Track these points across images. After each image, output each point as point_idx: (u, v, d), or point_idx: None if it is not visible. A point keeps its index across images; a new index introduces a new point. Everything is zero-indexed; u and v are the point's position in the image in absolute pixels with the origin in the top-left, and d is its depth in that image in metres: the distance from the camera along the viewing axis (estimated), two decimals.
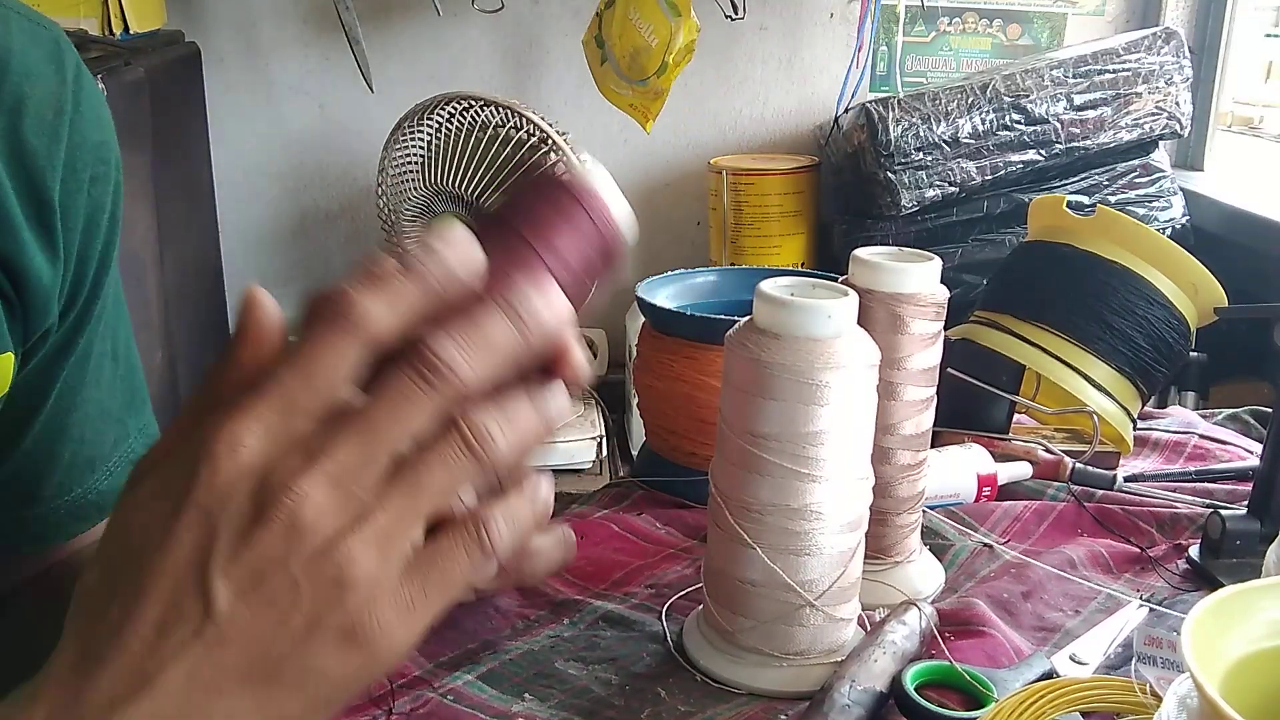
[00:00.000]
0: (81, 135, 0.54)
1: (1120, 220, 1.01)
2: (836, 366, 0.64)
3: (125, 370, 0.63)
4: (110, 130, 0.57)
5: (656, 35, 1.99)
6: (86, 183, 0.55)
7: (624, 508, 0.93)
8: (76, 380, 0.59)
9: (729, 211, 2.07)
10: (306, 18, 2.17)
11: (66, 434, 0.59)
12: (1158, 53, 1.95)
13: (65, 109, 0.53)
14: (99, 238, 0.57)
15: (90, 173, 0.55)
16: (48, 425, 0.58)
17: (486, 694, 0.68)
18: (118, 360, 0.62)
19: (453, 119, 1.83)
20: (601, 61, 2.01)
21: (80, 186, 0.55)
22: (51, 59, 0.53)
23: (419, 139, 1.83)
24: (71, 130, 0.54)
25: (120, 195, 0.58)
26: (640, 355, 0.99)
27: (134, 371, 0.64)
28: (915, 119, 1.89)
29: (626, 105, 2.03)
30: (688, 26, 2.00)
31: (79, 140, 0.54)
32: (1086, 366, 0.99)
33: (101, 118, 0.56)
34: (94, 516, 0.62)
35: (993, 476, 0.94)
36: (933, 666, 0.67)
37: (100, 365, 0.60)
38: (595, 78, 2.02)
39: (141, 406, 0.65)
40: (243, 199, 2.22)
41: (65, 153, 0.53)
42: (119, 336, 0.62)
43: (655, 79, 2.02)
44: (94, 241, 0.57)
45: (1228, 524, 0.82)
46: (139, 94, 1.56)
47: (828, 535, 0.66)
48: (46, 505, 0.59)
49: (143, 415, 0.65)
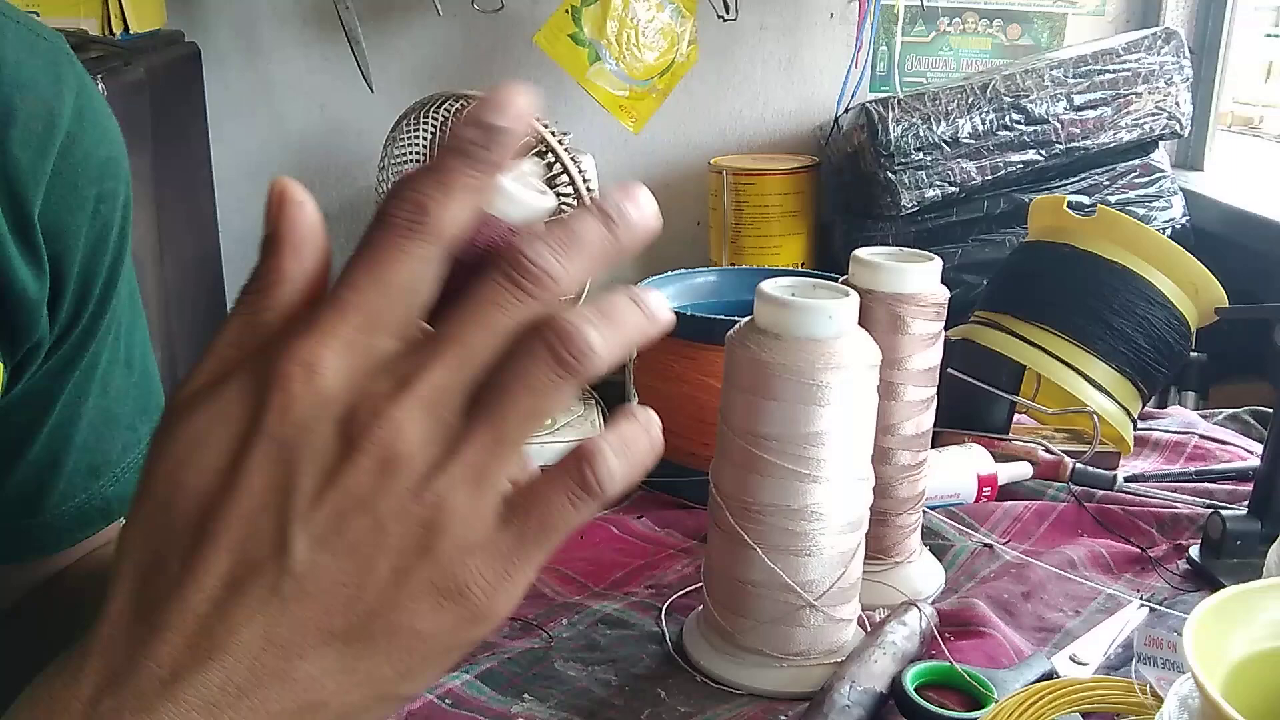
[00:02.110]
0: (84, 151, 0.53)
1: (1121, 220, 1.01)
2: (837, 367, 0.63)
3: (140, 377, 0.62)
4: (119, 146, 0.56)
5: (663, 36, 1.99)
6: (91, 200, 0.54)
7: (624, 508, 0.93)
8: (82, 391, 0.58)
9: (729, 211, 2.07)
10: (306, 18, 2.17)
11: (70, 443, 0.58)
12: (1158, 53, 1.95)
13: (59, 123, 0.52)
14: (106, 254, 0.56)
15: (96, 190, 0.54)
16: (52, 436, 0.57)
17: (485, 695, 0.68)
18: (132, 367, 0.62)
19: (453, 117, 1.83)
20: (592, 60, 2.00)
21: (82, 204, 0.54)
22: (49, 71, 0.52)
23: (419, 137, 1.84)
24: (72, 146, 0.53)
25: (130, 211, 0.58)
26: (640, 355, 0.99)
27: (149, 378, 0.64)
28: (915, 119, 1.89)
29: (615, 106, 2.02)
30: (692, 28, 2.01)
31: (81, 157, 0.53)
32: (1086, 366, 0.99)
33: (108, 133, 0.55)
34: (99, 522, 0.62)
35: (993, 477, 0.93)
36: (933, 667, 0.67)
37: (109, 373, 0.60)
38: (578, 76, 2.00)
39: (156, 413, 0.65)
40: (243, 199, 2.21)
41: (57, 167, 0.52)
42: (134, 344, 0.62)
43: (658, 79, 2.02)
44: (100, 258, 0.56)
45: (1228, 524, 0.82)
46: (139, 94, 1.56)
47: (828, 536, 0.66)
48: (50, 513, 0.59)
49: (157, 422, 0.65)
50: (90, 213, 0.54)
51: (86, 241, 0.55)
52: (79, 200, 0.54)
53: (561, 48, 1.99)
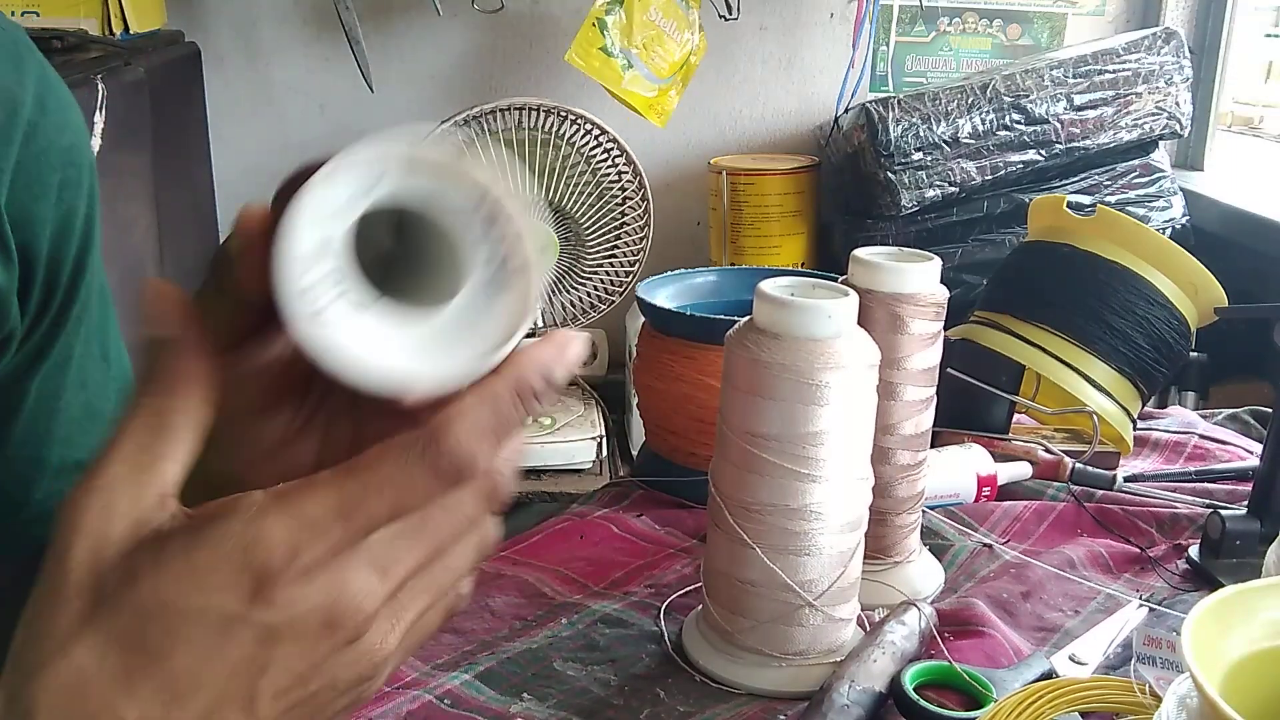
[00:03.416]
0: (47, 140, 0.53)
1: (1120, 220, 1.01)
2: (836, 366, 0.64)
3: (117, 371, 0.62)
4: (81, 133, 0.57)
5: (680, 30, 2.00)
6: (55, 188, 0.54)
7: (624, 508, 0.93)
8: (57, 384, 0.58)
9: (729, 211, 2.07)
10: (306, 18, 2.17)
11: (52, 437, 0.58)
12: (1158, 53, 1.95)
13: (21, 112, 0.52)
14: (72, 242, 0.56)
15: (59, 177, 0.54)
16: (29, 430, 0.57)
17: (484, 695, 0.68)
18: (108, 362, 0.62)
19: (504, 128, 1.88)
20: (625, 68, 2.00)
21: (46, 192, 0.54)
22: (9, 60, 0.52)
23: None
24: (34, 134, 0.53)
25: (95, 198, 0.58)
26: (640, 355, 0.99)
27: (127, 373, 0.64)
28: (915, 119, 1.89)
29: (647, 107, 2.03)
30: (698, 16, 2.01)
31: (44, 145, 0.53)
32: (1086, 366, 0.99)
33: (70, 121, 0.56)
34: None
35: (993, 476, 0.93)
36: (932, 667, 0.67)
37: (85, 367, 0.60)
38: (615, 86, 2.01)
39: None
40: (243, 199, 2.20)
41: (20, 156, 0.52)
42: (109, 338, 0.62)
43: (679, 74, 2.03)
44: (67, 246, 0.56)
45: (1228, 524, 0.82)
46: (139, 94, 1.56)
47: (827, 535, 0.66)
48: (37, 509, 0.59)
49: None
50: (54, 201, 0.54)
51: (52, 230, 0.55)
52: (43, 188, 0.54)
53: (595, 62, 2.00)
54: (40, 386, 0.57)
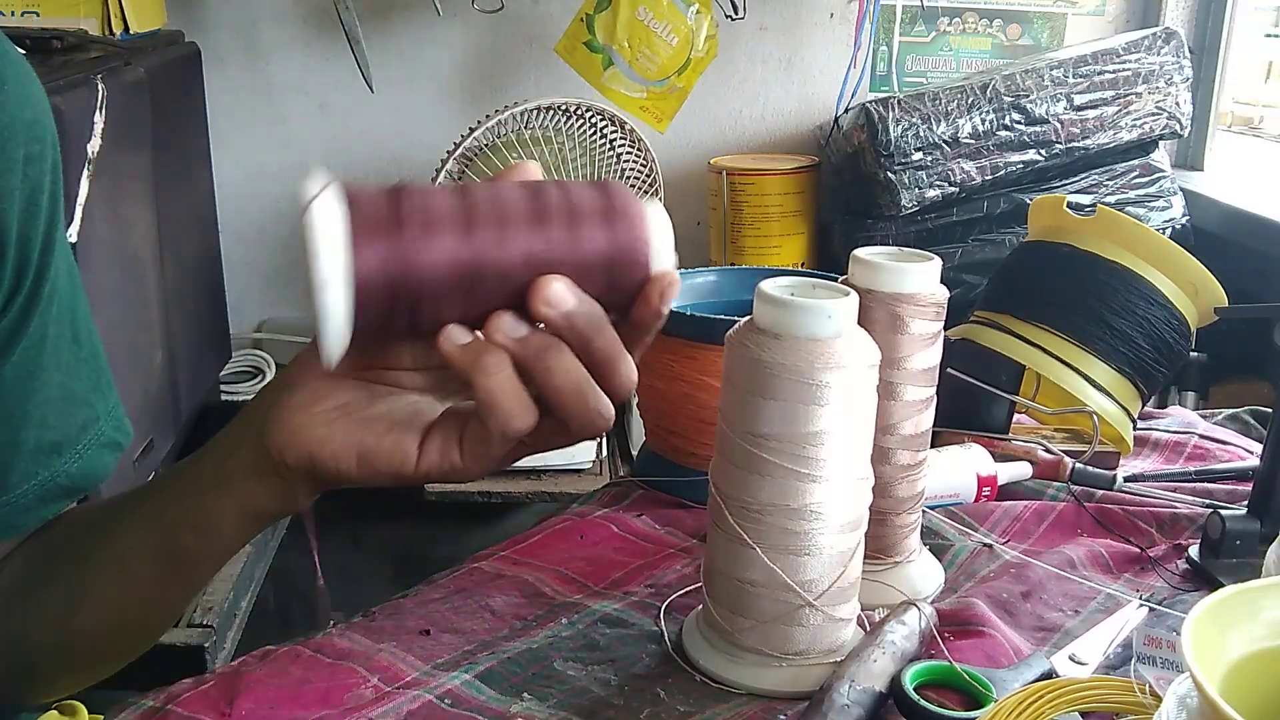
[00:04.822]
0: (9, 114, 0.54)
1: (1120, 220, 1.01)
2: (837, 366, 0.64)
3: (89, 353, 0.62)
4: (44, 109, 0.57)
5: (675, 33, 1.99)
6: (20, 162, 0.54)
7: (624, 507, 0.93)
8: (33, 364, 0.58)
9: (729, 211, 2.07)
10: (306, 18, 2.17)
11: (28, 418, 0.58)
12: (1158, 53, 1.95)
13: None
14: (40, 218, 0.56)
15: (24, 151, 0.54)
16: (5, 412, 0.57)
17: (485, 695, 0.68)
18: (80, 344, 0.61)
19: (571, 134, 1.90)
20: (606, 65, 2.01)
21: (11, 166, 0.54)
22: None
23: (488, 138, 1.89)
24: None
25: (59, 174, 0.58)
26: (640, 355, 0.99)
27: (97, 355, 0.64)
28: (915, 119, 1.89)
29: (637, 108, 2.03)
30: (709, 23, 2.01)
31: (7, 119, 0.53)
32: (1086, 366, 0.99)
33: (32, 96, 0.56)
34: (62, 499, 0.62)
35: (993, 477, 0.94)
36: (932, 666, 0.67)
37: (58, 348, 0.59)
38: (594, 82, 2.02)
39: (108, 389, 0.64)
40: (243, 199, 2.21)
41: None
42: (78, 319, 0.62)
43: (676, 78, 2.02)
44: (35, 221, 0.56)
45: (1228, 524, 0.82)
46: (139, 94, 1.56)
47: (827, 535, 0.66)
48: (13, 491, 0.59)
49: (109, 398, 0.65)
50: (20, 175, 0.54)
51: (20, 205, 0.55)
52: (8, 163, 0.54)
53: (579, 55, 2.01)
54: (15, 368, 0.57)
